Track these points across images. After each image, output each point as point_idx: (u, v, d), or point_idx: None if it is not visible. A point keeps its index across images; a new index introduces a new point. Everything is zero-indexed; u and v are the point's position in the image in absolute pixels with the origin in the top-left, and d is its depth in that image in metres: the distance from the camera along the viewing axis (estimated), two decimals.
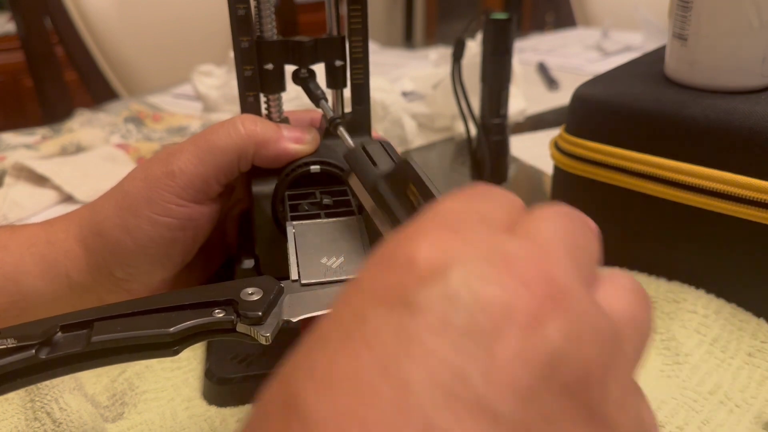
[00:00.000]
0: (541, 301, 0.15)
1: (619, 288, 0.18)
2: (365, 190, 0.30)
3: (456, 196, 0.18)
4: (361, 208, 0.35)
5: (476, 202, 0.18)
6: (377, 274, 0.16)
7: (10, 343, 0.25)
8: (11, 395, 0.35)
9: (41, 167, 0.62)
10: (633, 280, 0.19)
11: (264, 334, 0.27)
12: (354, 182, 0.31)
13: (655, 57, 0.48)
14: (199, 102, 0.86)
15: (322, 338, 0.15)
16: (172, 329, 0.26)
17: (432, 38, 2.91)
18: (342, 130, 0.36)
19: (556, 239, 0.17)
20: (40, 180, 0.62)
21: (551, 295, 0.15)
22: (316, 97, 0.38)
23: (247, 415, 0.15)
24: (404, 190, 0.27)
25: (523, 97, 0.84)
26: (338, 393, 0.13)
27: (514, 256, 0.15)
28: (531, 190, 0.68)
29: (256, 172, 0.37)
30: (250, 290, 0.28)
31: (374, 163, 0.31)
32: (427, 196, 0.26)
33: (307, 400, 0.13)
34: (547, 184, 0.65)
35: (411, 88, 0.92)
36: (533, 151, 0.72)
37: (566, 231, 0.17)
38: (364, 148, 0.31)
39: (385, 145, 0.32)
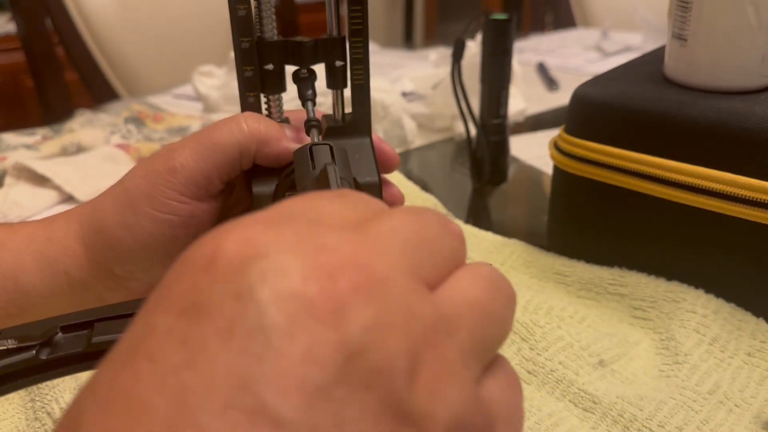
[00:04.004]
0: (345, 291, 0.14)
1: (473, 277, 0.17)
2: (298, 190, 0.31)
3: (305, 196, 0.17)
4: None
5: (323, 201, 0.17)
6: (175, 277, 0.15)
7: (11, 343, 0.25)
8: (11, 395, 0.35)
9: (41, 167, 0.62)
10: (493, 270, 0.18)
11: None
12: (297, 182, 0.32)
13: (655, 57, 0.48)
14: (199, 102, 0.86)
15: (111, 355, 0.14)
16: None
17: (432, 39, 2.91)
18: (314, 134, 0.36)
19: (394, 234, 0.16)
20: (40, 180, 0.62)
21: (359, 285, 0.14)
22: (303, 97, 0.38)
23: None
24: None
25: (523, 97, 0.84)
26: (114, 412, 0.13)
27: (329, 248, 0.14)
28: (531, 190, 0.68)
29: (257, 172, 0.37)
30: None
31: (314, 166, 0.31)
32: None
33: (86, 421, 0.13)
34: (547, 185, 0.65)
35: (411, 89, 0.92)
36: (533, 151, 0.72)
37: (412, 228, 0.16)
38: (310, 149, 0.31)
39: (333, 148, 0.32)
